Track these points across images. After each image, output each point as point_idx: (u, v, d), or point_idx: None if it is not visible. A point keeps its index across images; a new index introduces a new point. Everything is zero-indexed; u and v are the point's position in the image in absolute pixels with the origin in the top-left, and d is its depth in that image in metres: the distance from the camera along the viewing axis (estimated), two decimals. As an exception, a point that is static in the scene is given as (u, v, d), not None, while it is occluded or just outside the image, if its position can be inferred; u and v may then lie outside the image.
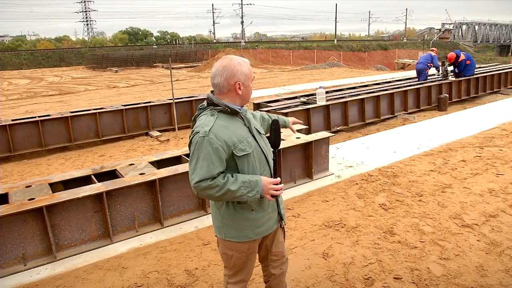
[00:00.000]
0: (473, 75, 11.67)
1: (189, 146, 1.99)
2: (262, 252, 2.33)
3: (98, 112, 7.95)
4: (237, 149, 1.96)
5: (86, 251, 3.61)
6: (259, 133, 2.14)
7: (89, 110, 8.15)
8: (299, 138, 5.18)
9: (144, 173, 4.08)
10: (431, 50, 11.67)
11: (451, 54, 11.58)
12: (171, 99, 8.59)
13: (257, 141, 2.07)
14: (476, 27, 70.35)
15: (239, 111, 2.04)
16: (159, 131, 8.67)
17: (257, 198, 1.96)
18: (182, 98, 9.51)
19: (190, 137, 2.00)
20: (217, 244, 2.27)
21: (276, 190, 2.00)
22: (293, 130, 2.79)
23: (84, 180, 4.15)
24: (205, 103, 2.06)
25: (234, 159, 1.97)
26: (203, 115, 2.01)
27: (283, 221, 2.29)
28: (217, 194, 1.90)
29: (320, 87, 8.25)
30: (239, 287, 2.30)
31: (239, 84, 2.00)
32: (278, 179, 2.04)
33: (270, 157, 2.14)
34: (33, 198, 3.51)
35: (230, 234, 2.11)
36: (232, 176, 1.94)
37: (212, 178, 1.89)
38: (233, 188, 1.90)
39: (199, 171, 1.89)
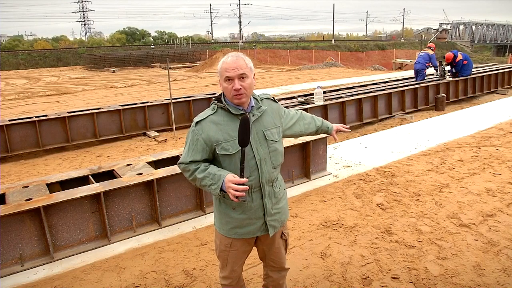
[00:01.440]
0: (470, 75, 11.71)
1: None
2: (260, 253, 2.33)
3: (96, 112, 7.93)
4: (220, 147, 1.96)
5: (84, 252, 3.60)
6: (265, 139, 2.04)
7: (87, 110, 8.13)
8: (297, 138, 5.19)
9: (142, 173, 4.07)
10: (428, 47, 11.66)
11: (449, 54, 11.61)
12: (169, 99, 8.58)
13: (251, 146, 1.98)
14: (473, 27, 70.59)
15: (236, 113, 1.97)
16: (156, 131, 8.66)
17: (217, 192, 1.92)
18: (179, 98, 9.50)
19: None
20: None
21: (236, 191, 1.85)
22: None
23: (82, 181, 4.14)
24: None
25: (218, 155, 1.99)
26: (209, 107, 2.07)
27: (281, 233, 2.24)
28: (189, 178, 2.04)
29: (318, 87, 8.26)
30: (226, 282, 2.30)
31: (220, 81, 2.02)
32: (243, 179, 1.88)
33: (268, 165, 2.04)
34: (31, 199, 3.50)
35: (216, 223, 2.20)
36: (206, 166, 2.00)
37: (186, 163, 2.02)
38: (199, 176, 1.98)
39: (182, 155, 2.06)
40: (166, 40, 68.81)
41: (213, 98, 2.07)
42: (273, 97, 2.21)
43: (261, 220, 2.09)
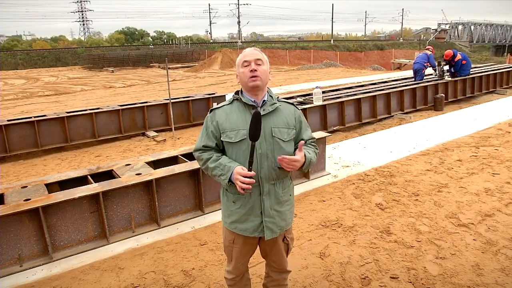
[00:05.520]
0: (469, 75, 11.74)
1: None
2: (262, 252, 2.34)
3: (95, 112, 7.92)
4: (224, 134, 2.06)
5: (83, 252, 3.59)
6: (272, 135, 2.05)
7: (85, 110, 8.12)
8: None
9: (141, 174, 4.07)
10: (427, 49, 11.73)
11: (448, 51, 11.65)
12: (168, 99, 8.58)
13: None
14: (472, 27, 70.63)
15: (248, 103, 2.06)
16: (155, 131, 8.65)
17: (226, 183, 1.99)
18: (178, 98, 9.48)
19: None
20: None
21: (242, 183, 1.90)
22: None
23: (81, 181, 4.13)
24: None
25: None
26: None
27: (283, 236, 2.24)
28: (202, 166, 2.14)
29: (317, 87, 8.26)
30: (229, 276, 2.34)
31: (237, 75, 2.15)
32: (251, 173, 1.92)
33: (269, 161, 2.03)
34: (29, 199, 3.50)
35: (222, 216, 2.26)
36: (218, 156, 2.07)
37: (201, 150, 2.12)
38: (211, 165, 2.06)
39: (197, 142, 2.17)
40: (165, 40, 68.63)
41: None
42: (294, 104, 2.26)
43: (258, 219, 2.09)
